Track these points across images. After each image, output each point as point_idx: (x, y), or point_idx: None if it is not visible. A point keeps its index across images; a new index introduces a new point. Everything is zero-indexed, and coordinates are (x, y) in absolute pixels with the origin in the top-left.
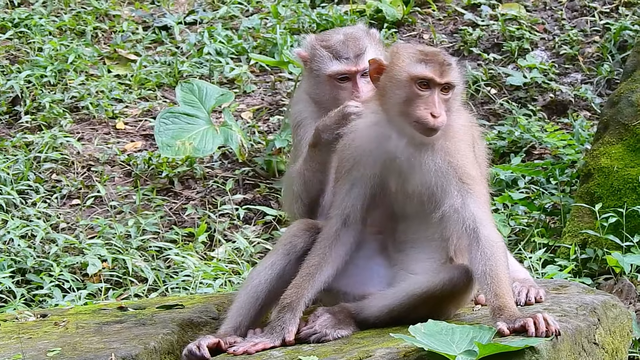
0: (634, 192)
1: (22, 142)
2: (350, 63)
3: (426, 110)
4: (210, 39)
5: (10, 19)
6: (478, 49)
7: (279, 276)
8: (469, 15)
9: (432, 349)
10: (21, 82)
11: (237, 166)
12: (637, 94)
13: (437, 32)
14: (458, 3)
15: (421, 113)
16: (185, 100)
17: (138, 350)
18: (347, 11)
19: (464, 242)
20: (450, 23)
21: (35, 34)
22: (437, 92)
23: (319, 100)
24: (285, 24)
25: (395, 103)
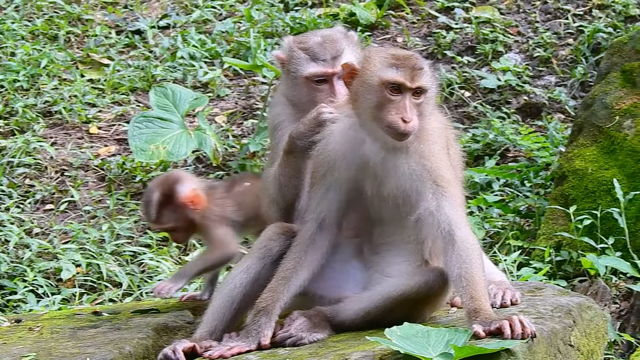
0: (608, 194)
1: None
2: (327, 65)
3: (397, 115)
4: (183, 43)
5: None
6: (452, 52)
7: (255, 280)
8: (443, 18)
9: (408, 352)
10: None
11: (211, 170)
12: (611, 97)
13: (410, 35)
14: (432, 6)
15: (392, 118)
16: (159, 105)
17: (113, 355)
18: (320, 15)
19: (440, 244)
20: (424, 26)
21: (8, 39)
22: (409, 96)
23: (296, 102)
24: (259, 27)
25: (367, 108)
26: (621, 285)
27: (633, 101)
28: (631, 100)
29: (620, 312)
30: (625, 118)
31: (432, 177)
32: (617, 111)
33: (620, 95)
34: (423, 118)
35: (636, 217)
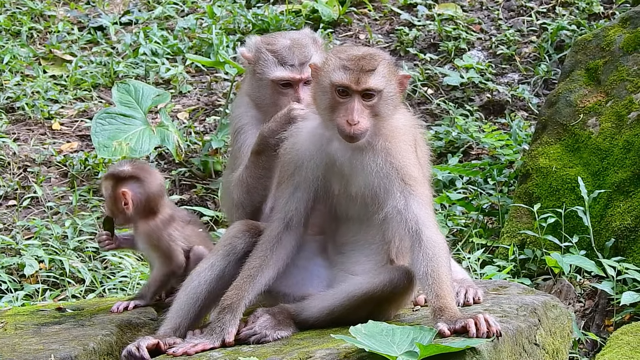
0: (572, 193)
1: None
2: (294, 70)
3: (344, 118)
4: (145, 40)
5: None
6: (414, 49)
7: (219, 277)
8: (405, 15)
9: (373, 350)
10: None
11: (174, 167)
12: (575, 94)
13: (373, 32)
14: (394, 3)
15: (339, 120)
16: (121, 101)
17: (77, 351)
18: (282, 11)
19: (407, 243)
20: (387, 23)
21: None
22: (357, 99)
23: (259, 103)
24: (221, 24)
25: (322, 109)
26: (585, 284)
27: (597, 99)
28: (595, 98)
29: (585, 310)
30: (589, 116)
31: (399, 176)
32: (581, 109)
33: (585, 93)
34: (381, 118)
35: (600, 216)
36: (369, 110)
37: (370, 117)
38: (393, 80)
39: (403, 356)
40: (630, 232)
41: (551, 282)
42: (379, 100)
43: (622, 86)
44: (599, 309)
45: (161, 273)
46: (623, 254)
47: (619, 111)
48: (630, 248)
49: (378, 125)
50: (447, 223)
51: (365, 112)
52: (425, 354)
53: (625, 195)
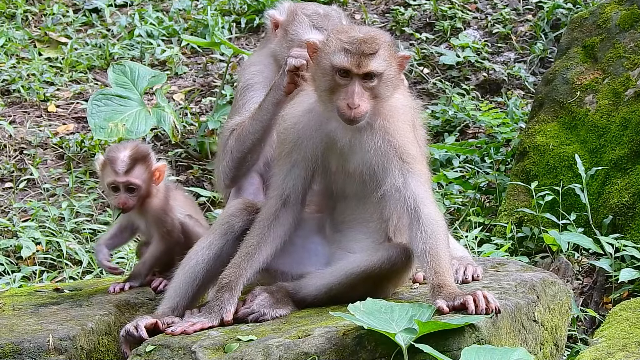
0: (569, 170)
1: None
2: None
3: (344, 101)
4: (141, 21)
5: None
6: (410, 28)
7: (217, 256)
8: None
9: (372, 327)
10: None
11: (170, 148)
12: (572, 72)
13: (368, 12)
14: None
15: (340, 103)
16: (117, 82)
17: (75, 331)
18: None
19: (405, 220)
20: (382, 3)
21: None
22: (358, 81)
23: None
24: (216, 5)
25: (322, 90)
26: (583, 261)
27: (594, 76)
28: (592, 76)
29: (583, 288)
30: (586, 93)
31: (398, 154)
32: (578, 87)
33: (582, 70)
34: (381, 99)
35: (598, 193)
36: (369, 93)
37: (370, 99)
38: (393, 62)
39: (402, 333)
40: (628, 209)
41: (549, 260)
42: (379, 82)
43: (619, 63)
44: (597, 286)
45: (159, 249)
46: (621, 231)
47: (615, 88)
48: (628, 225)
49: (377, 106)
50: (444, 202)
51: (365, 95)
52: (424, 330)
53: (623, 172)
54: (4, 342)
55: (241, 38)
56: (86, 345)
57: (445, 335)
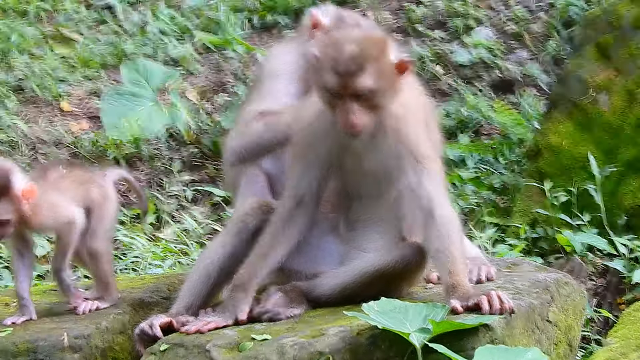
0: (584, 170)
1: None
2: None
3: (342, 118)
4: (153, 18)
5: None
6: (423, 26)
7: (231, 255)
8: None
9: (386, 327)
10: None
11: (184, 146)
12: (585, 71)
13: (381, 9)
14: None
15: (339, 119)
16: (130, 80)
17: (90, 330)
18: None
19: (419, 220)
20: (395, 1)
21: None
22: (349, 100)
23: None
24: (229, 2)
25: (323, 102)
26: (597, 262)
27: (608, 75)
28: (606, 74)
29: (597, 288)
30: (600, 93)
31: (412, 154)
32: (592, 86)
33: (595, 69)
34: (382, 108)
35: (612, 193)
36: (364, 107)
37: (368, 111)
38: (387, 72)
39: (416, 333)
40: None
41: (563, 261)
42: (373, 95)
43: (633, 62)
44: (611, 286)
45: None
46: (635, 232)
47: (629, 87)
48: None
49: (379, 114)
50: (458, 202)
51: (361, 110)
52: (438, 330)
53: (638, 172)
54: (18, 341)
55: (254, 35)
56: (101, 343)
57: (460, 335)
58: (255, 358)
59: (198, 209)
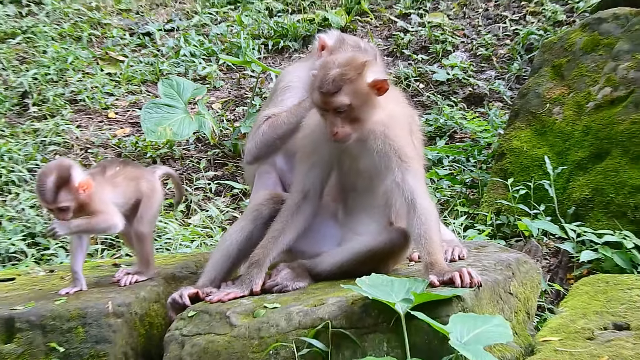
0: (540, 169)
1: (31, 128)
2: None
3: (328, 128)
4: (185, 43)
5: (20, 27)
6: (409, 50)
7: (247, 238)
8: (401, 22)
9: (376, 297)
10: (29, 79)
11: (209, 148)
12: (542, 87)
13: (374, 37)
14: (392, 13)
15: (327, 129)
16: (165, 94)
17: (130, 299)
18: (299, 19)
19: (404, 209)
20: (385, 29)
21: (40, 39)
22: (331, 114)
23: None
24: (248, 30)
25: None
26: (550, 244)
27: (561, 91)
28: (560, 90)
29: (550, 266)
30: (554, 105)
31: (397, 155)
32: (547, 100)
33: (551, 86)
34: (362, 121)
35: (563, 188)
36: (345, 120)
37: (348, 124)
38: (363, 91)
39: (400, 302)
40: (588, 202)
41: (522, 243)
42: (351, 111)
43: (582, 80)
44: (562, 265)
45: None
46: (582, 219)
47: (579, 101)
48: (588, 215)
49: (360, 126)
50: (436, 194)
51: (342, 122)
52: (419, 300)
53: (584, 171)
54: (71, 308)
55: (268, 57)
56: (139, 310)
57: (436, 304)
58: (267, 323)
59: (220, 200)
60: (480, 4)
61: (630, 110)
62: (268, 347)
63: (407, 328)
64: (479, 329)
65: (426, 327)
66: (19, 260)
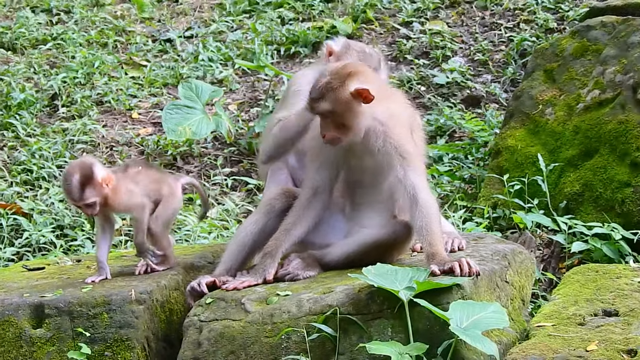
0: (533, 166)
1: (60, 128)
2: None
3: (320, 131)
4: (203, 49)
5: (50, 34)
6: (411, 55)
7: (261, 230)
8: (404, 30)
9: (381, 286)
10: (58, 82)
11: (226, 146)
12: (535, 90)
13: (379, 43)
14: (395, 21)
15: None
16: (185, 96)
17: (152, 287)
18: (309, 27)
19: (406, 203)
20: (389, 36)
21: (69, 45)
22: (320, 118)
23: None
24: (262, 37)
25: None
26: (544, 236)
27: (553, 94)
28: (551, 93)
29: (543, 256)
30: (547, 107)
31: (398, 152)
32: (540, 101)
33: (543, 89)
34: (347, 127)
35: (555, 183)
36: (332, 124)
37: (335, 128)
38: (344, 99)
39: (404, 290)
40: (579, 196)
41: (517, 235)
42: (334, 117)
43: (572, 84)
44: (554, 255)
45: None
46: (573, 213)
47: (569, 103)
48: (579, 208)
49: (346, 132)
50: (436, 189)
51: (328, 127)
52: (421, 288)
53: (575, 167)
54: (97, 295)
55: (280, 62)
56: (160, 297)
57: (437, 292)
58: (279, 309)
59: (236, 194)
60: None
61: (617, 111)
62: (280, 332)
63: (410, 314)
64: (477, 315)
65: (428, 313)
66: (48, 251)
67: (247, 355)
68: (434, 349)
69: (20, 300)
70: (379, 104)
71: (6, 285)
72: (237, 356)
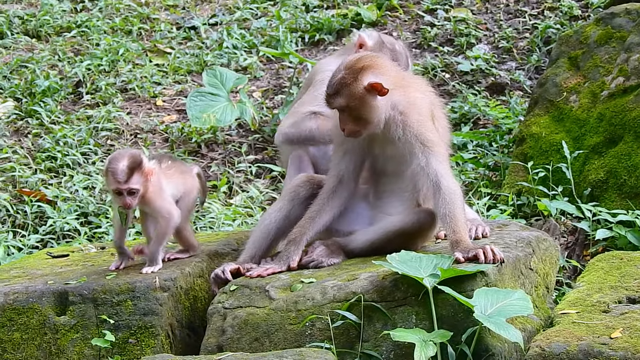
0: (557, 153)
1: (84, 115)
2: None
3: (339, 125)
4: (228, 36)
5: (75, 21)
6: (435, 43)
7: (286, 217)
8: (428, 17)
9: (405, 273)
10: (83, 69)
11: (250, 134)
12: (560, 77)
13: (403, 30)
14: (419, 8)
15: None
16: (209, 83)
17: (176, 274)
18: (333, 14)
19: (430, 191)
20: (414, 23)
21: (94, 33)
22: (337, 112)
23: None
24: (286, 24)
25: None
26: (568, 223)
27: (577, 81)
28: (575, 80)
29: (568, 244)
30: (571, 94)
31: (419, 140)
32: (564, 88)
33: (567, 76)
34: (363, 121)
35: (580, 171)
36: (349, 118)
37: (352, 122)
38: (358, 93)
39: (428, 277)
40: (603, 184)
41: (541, 222)
42: (350, 111)
43: (597, 71)
44: (579, 242)
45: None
46: (597, 200)
47: (593, 90)
48: (603, 196)
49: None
50: (461, 177)
51: (347, 120)
52: (445, 276)
53: (599, 155)
54: (122, 282)
55: (305, 49)
56: (184, 285)
57: (462, 279)
58: (303, 297)
59: (260, 181)
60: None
61: None
62: (304, 319)
63: (434, 301)
64: (502, 302)
65: (452, 300)
66: (73, 238)
67: (271, 342)
68: (458, 336)
69: (45, 288)
70: (397, 93)
71: (30, 272)
72: (261, 343)
